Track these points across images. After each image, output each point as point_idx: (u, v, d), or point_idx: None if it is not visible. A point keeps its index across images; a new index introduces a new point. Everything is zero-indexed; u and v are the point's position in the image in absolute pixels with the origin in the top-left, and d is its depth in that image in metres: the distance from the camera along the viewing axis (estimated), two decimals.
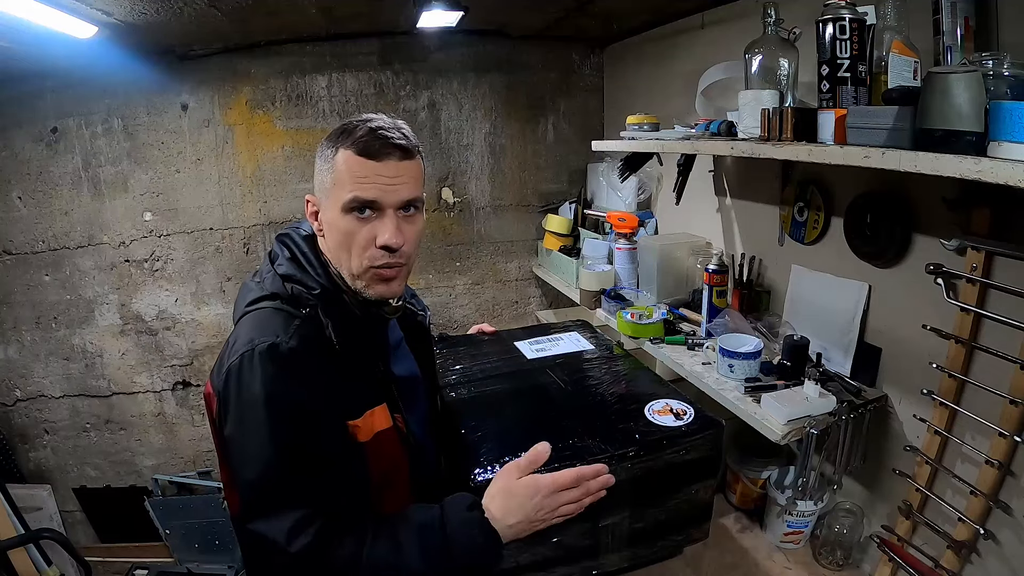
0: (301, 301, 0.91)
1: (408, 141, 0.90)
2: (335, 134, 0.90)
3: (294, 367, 0.84)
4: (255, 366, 0.82)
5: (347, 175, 0.87)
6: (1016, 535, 1.08)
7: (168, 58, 2.28)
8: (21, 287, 2.46)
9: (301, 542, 0.80)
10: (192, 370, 2.66)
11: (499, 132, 2.68)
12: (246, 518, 0.84)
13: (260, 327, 0.87)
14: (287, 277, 0.92)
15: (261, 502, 0.83)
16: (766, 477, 1.57)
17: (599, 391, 1.27)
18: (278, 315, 0.89)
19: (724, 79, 1.58)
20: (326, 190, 0.90)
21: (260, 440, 0.81)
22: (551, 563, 1.02)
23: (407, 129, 0.92)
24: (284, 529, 0.80)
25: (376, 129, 0.87)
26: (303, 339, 0.86)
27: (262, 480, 0.82)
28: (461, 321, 2.82)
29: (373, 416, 0.93)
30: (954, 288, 1.13)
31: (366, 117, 0.90)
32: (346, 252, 0.90)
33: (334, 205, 0.89)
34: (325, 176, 0.90)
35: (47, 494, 2.52)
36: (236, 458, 0.85)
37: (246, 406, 0.82)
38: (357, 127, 0.88)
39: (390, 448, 0.95)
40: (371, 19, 2.19)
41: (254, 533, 0.83)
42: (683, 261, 1.91)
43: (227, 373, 0.84)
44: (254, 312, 0.91)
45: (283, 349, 0.83)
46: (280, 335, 0.85)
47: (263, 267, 0.98)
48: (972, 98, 0.81)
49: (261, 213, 2.53)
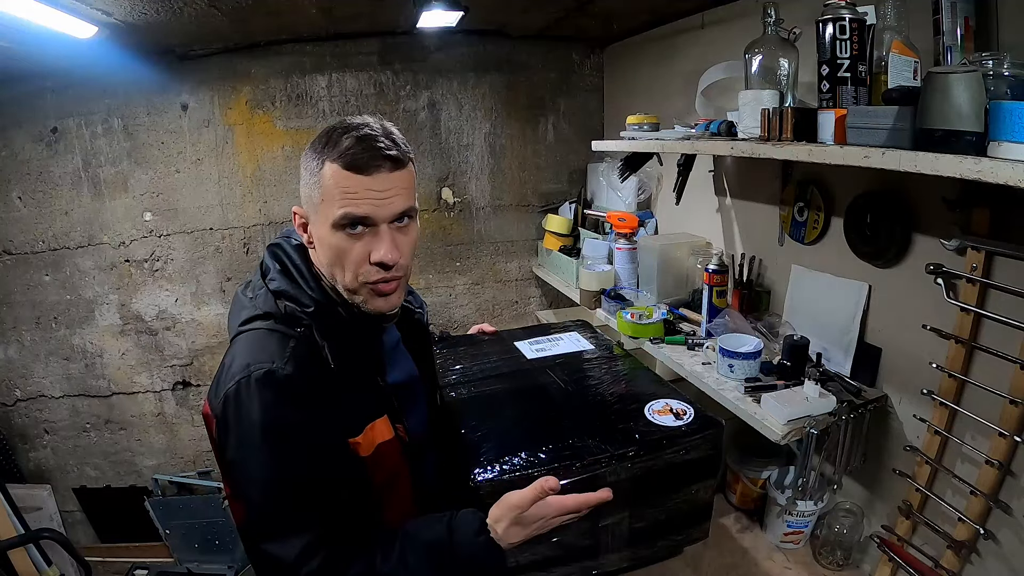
0: (295, 320, 0.88)
1: (398, 149, 0.84)
2: (319, 144, 0.85)
3: (291, 393, 0.82)
4: (252, 394, 0.81)
5: (336, 191, 0.82)
6: (1016, 535, 1.08)
7: (168, 58, 2.28)
8: (21, 287, 2.46)
9: (311, 567, 0.80)
10: (192, 370, 2.66)
11: (499, 132, 2.68)
12: (255, 537, 0.85)
13: (255, 351, 0.85)
14: (279, 293, 0.90)
15: (268, 525, 0.83)
16: (766, 477, 1.57)
17: (599, 391, 1.26)
18: (272, 337, 0.87)
19: (724, 79, 1.58)
20: (314, 205, 0.86)
21: (262, 467, 0.81)
22: (551, 563, 1.02)
23: (396, 134, 0.87)
24: (292, 555, 0.80)
25: (363, 139, 0.82)
26: (299, 362, 0.84)
27: (267, 505, 0.83)
28: (461, 321, 2.82)
29: (374, 430, 0.92)
30: (954, 288, 1.13)
31: (351, 123, 0.84)
32: (340, 269, 0.87)
33: (324, 221, 0.85)
34: (313, 190, 0.86)
35: (47, 494, 2.52)
36: (240, 482, 0.85)
37: (245, 433, 0.82)
38: (343, 137, 0.82)
39: (392, 458, 0.95)
40: (371, 19, 2.19)
41: (264, 552, 0.83)
42: (683, 261, 1.91)
43: (225, 399, 0.83)
44: (248, 333, 0.89)
45: (279, 376, 0.82)
46: (276, 360, 0.83)
47: (255, 281, 0.95)
48: (972, 98, 0.81)
49: (261, 213, 2.53)
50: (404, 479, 0.99)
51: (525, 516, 0.86)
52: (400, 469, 0.98)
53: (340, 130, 0.84)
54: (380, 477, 0.93)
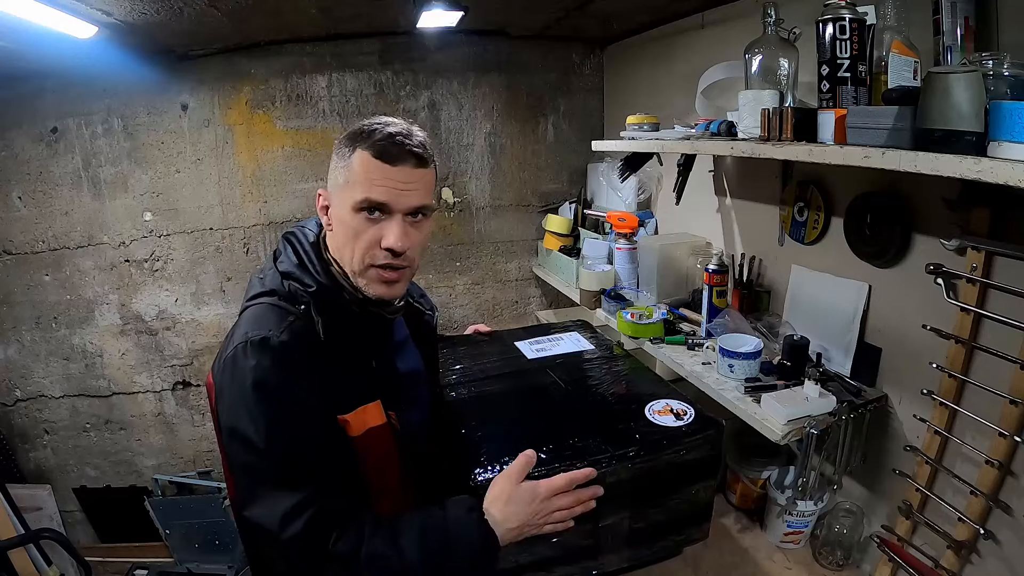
0: (297, 298, 0.93)
1: (424, 150, 0.92)
2: (354, 134, 0.92)
3: (284, 359, 0.87)
4: (248, 357, 0.86)
5: (362, 175, 0.89)
6: (1016, 535, 1.07)
7: (168, 58, 2.28)
8: (21, 287, 2.45)
9: (293, 529, 0.82)
10: (192, 370, 2.65)
11: (499, 132, 2.68)
12: (242, 505, 0.87)
13: (256, 321, 0.91)
14: (286, 274, 0.95)
15: (254, 487, 0.86)
16: (766, 477, 1.57)
17: (599, 391, 1.27)
18: (274, 311, 0.92)
19: (724, 79, 1.58)
20: (339, 187, 0.92)
21: (252, 426, 0.84)
22: (551, 563, 1.02)
23: (424, 138, 0.94)
24: (277, 515, 0.83)
25: (395, 134, 0.90)
26: (294, 334, 0.89)
27: (254, 465, 0.86)
28: (461, 321, 2.82)
29: (365, 412, 0.94)
30: (954, 288, 1.13)
31: (386, 120, 0.92)
32: (350, 248, 0.92)
33: (345, 203, 0.91)
34: (339, 174, 0.92)
35: (47, 494, 2.52)
36: (230, 444, 0.87)
37: (238, 393, 0.86)
38: (376, 130, 0.90)
39: (382, 445, 0.97)
40: (371, 19, 2.19)
41: (250, 521, 0.86)
42: (683, 261, 1.91)
43: (223, 364, 0.89)
44: (253, 307, 0.95)
45: (274, 342, 0.87)
46: (272, 329, 0.89)
47: (267, 263, 1.01)
48: (972, 98, 0.81)
49: (261, 213, 2.53)
50: (394, 468, 1.00)
51: (516, 492, 0.92)
52: (391, 456, 0.99)
53: (376, 125, 0.92)
54: (370, 462, 0.95)
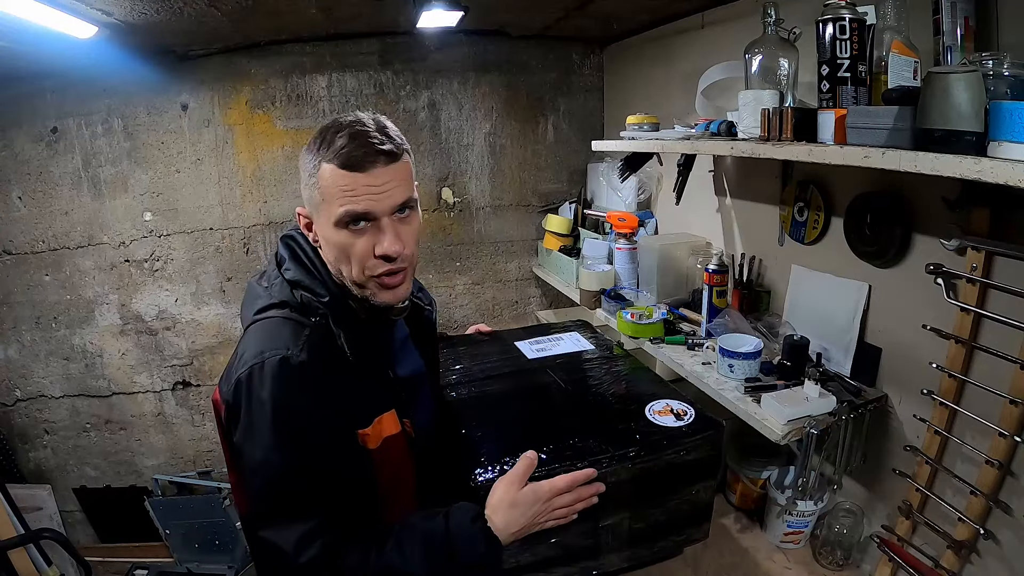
0: (311, 309, 0.89)
1: (392, 143, 0.85)
2: (314, 145, 0.85)
3: (304, 380, 0.83)
4: (265, 378, 0.82)
5: (334, 190, 0.83)
6: (1016, 535, 1.07)
7: (168, 58, 2.28)
8: (21, 287, 2.46)
9: (309, 554, 0.81)
10: (192, 370, 2.65)
11: (499, 132, 2.68)
12: (256, 525, 0.85)
13: (270, 338, 0.86)
14: (295, 284, 0.91)
15: (270, 511, 0.84)
16: (766, 477, 1.56)
17: (599, 391, 1.27)
18: (287, 325, 0.88)
19: (724, 79, 1.58)
20: (316, 205, 0.87)
21: (268, 452, 0.82)
22: (551, 563, 1.02)
23: (390, 127, 0.87)
24: (292, 540, 0.81)
25: (356, 136, 0.83)
26: (313, 350, 0.85)
27: (270, 491, 0.83)
28: (461, 321, 2.82)
29: (382, 423, 0.92)
30: (954, 288, 1.13)
31: (344, 121, 0.85)
32: (346, 264, 0.88)
33: (326, 221, 0.86)
34: (312, 191, 0.87)
35: (47, 494, 2.52)
36: (245, 467, 0.85)
37: (254, 417, 0.82)
38: (336, 136, 0.83)
39: (398, 453, 0.95)
40: (371, 19, 2.19)
41: (264, 540, 0.84)
42: (683, 261, 1.91)
43: (237, 384, 0.83)
44: (264, 321, 0.89)
45: (293, 362, 0.82)
46: (291, 347, 0.84)
47: (269, 271, 0.96)
48: (972, 98, 0.81)
49: (261, 213, 2.53)
50: (409, 476, 0.99)
51: (520, 497, 0.90)
52: (405, 465, 0.98)
53: (333, 129, 0.85)
54: (386, 473, 0.93)
